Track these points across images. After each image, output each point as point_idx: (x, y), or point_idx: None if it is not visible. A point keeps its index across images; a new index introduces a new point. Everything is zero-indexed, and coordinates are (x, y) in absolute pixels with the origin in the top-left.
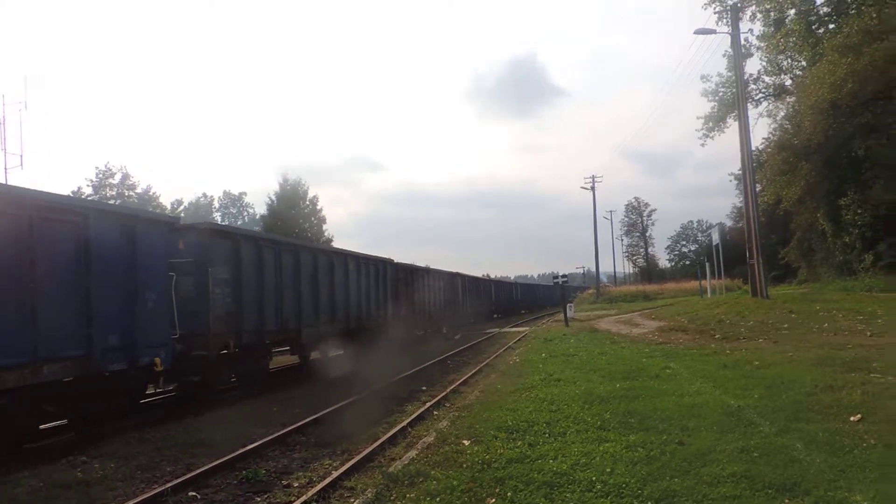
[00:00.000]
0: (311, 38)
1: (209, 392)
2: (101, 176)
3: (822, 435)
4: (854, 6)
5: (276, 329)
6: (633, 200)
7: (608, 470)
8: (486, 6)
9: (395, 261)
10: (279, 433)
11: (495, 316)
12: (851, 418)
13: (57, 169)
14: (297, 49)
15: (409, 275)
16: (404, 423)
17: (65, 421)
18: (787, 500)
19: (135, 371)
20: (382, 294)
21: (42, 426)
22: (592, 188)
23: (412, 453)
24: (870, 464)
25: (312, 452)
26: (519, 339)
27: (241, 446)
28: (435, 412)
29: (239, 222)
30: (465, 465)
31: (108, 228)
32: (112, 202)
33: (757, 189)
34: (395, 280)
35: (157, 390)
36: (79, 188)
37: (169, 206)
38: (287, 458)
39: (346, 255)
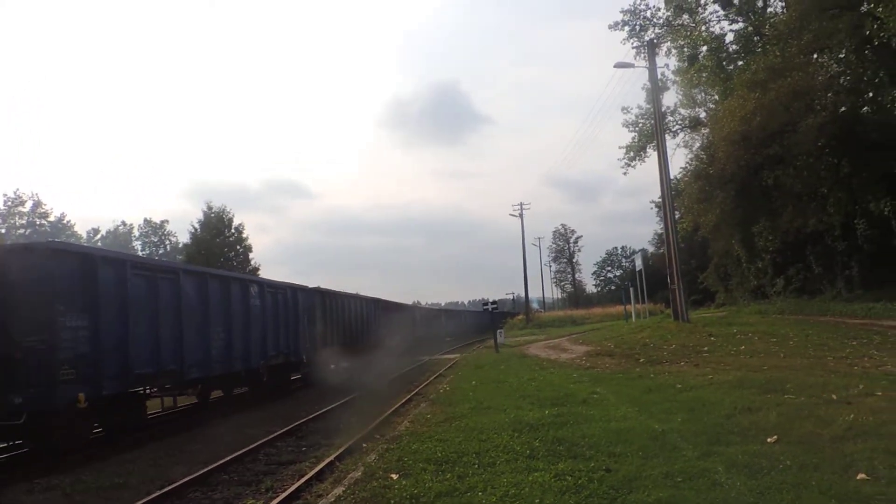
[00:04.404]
0: (234, 61)
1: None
2: (9, 204)
3: (741, 457)
4: (760, 45)
5: (340, 343)
6: (560, 227)
7: (537, 501)
8: (409, 36)
9: (381, 298)
10: (200, 472)
11: (447, 339)
12: (768, 440)
13: None
14: (220, 72)
15: (386, 310)
16: (332, 458)
17: None
18: None
19: (298, 361)
20: (375, 324)
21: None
22: (521, 215)
23: (339, 490)
24: (786, 485)
25: (235, 491)
26: (450, 367)
27: (158, 488)
28: (364, 444)
29: (161, 252)
30: (392, 501)
31: (290, 295)
32: (22, 232)
33: (676, 216)
34: (381, 312)
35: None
36: None
37: (85, 236)
38: (208, 498)
39: (371, 301)
